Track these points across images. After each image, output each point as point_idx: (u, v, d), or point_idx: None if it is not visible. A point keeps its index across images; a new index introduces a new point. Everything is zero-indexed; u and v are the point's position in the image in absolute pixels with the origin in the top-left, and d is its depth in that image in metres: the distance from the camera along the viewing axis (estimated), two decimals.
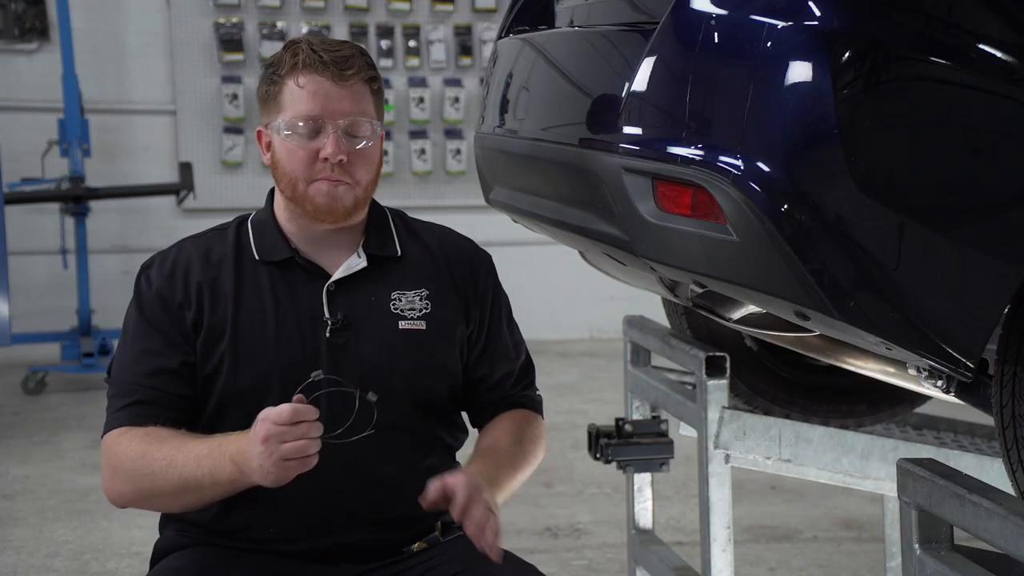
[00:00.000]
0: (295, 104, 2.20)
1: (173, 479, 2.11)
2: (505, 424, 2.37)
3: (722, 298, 2.41)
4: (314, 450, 2.01)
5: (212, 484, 2.10)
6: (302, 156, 2.20)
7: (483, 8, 8.26)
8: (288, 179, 2.23)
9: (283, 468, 2.01)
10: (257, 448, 2.01)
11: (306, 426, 2.00)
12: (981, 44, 1.89)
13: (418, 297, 2.29)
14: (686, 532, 4.56)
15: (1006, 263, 1.89)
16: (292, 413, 1.99)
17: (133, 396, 2.20)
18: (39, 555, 4.41)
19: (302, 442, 1.99)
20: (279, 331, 2.23)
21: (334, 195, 2.21)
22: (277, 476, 2.02)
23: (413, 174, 8.22)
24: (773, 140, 1.91)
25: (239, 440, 2.07)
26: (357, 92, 2.22)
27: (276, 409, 2.01)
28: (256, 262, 2.28)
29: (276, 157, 2.24)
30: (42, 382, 6.90)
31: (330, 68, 2.19)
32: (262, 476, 2.03)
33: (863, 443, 2.80)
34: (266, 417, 2.01)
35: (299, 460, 2.01)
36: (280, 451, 1.99)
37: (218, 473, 2.08)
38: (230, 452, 2.07)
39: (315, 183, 2.21)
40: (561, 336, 8.32)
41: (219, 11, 7.91)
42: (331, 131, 2.19)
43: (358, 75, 2.22)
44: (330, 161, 2.19)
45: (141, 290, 2.27)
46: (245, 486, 2.10)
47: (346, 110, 2.20)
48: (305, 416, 2.00)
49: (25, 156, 7.27)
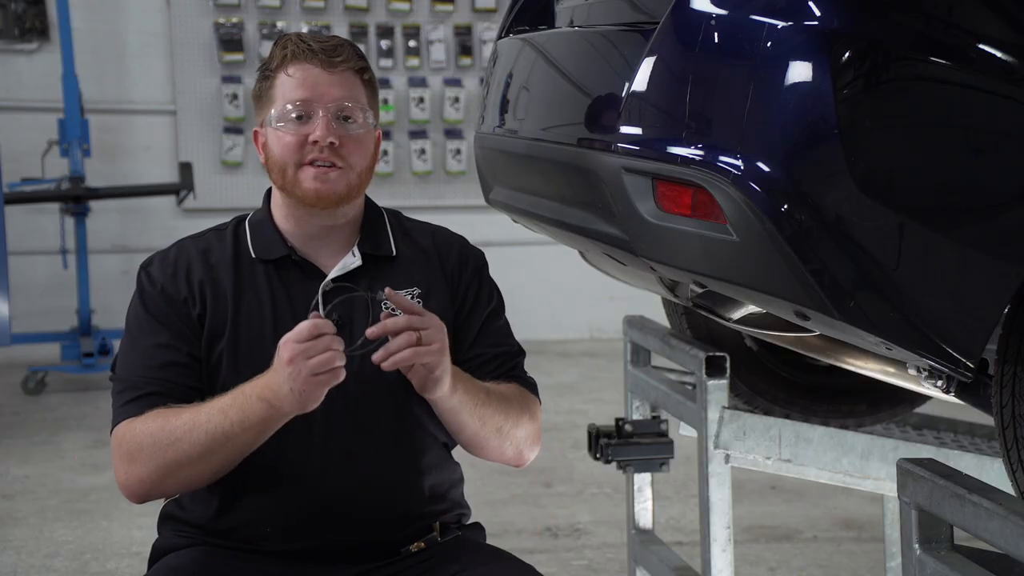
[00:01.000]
0: (285, 93, 2.21)
1: (199, 439, 2.10)
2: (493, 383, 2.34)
3: (722, 298, 2.41)
4: (341, 362, 2.03)
5: (243, 430, 2.09)
6: (291, 141, 2.20)
7: (483, 8, 8.26)
8: (279, 166, 2.23)
9: (314, 384, 2.03)
10: (284, 372, 2.02)
11: (328, 338, 2.02)
12: (981, 44, 1.89)
13: (410, 295, 2.29)
14: (686, 532, 4.56)
15: (1006, 263, 1.89)
16: (312, 328, 2.02)
17: (142, 389, 2.19)
18: (39, 555, 4.41)
19: (328, 354, 2.01)
20: (276, 329, 2.23)
21: (324, 179, 2.21)
22: (310, 394, 2.04)
23: (413, 174, 8.22)
24: (773, 140, 1.91)
25: (262, 378, 2.08)
26: (347, 79, 2.23)
27: (295, 329, 2.03)
28: (253, 261, 2.28)
29: (268, 149, 2.25)
30: (42, 382, 6.90)
31: (319, 56, 2.21)
32: (294, 400, 2.04)
33: (863, 443, 2.80)
34: (287, 340, 2.03)
35: (328, 373, 2.03)
36: (308, 366, 2.01)
37: (248, 416, 2.08)
38: (256, 392, 2.07)
39: (304, 167, 2.21)
40: (561, 336, 8.32)
41: (219, 11, 7.91)
42: (321, 115, 2.20)
43: (347, 63, 2.23)
44: (320, 143, 2.19)
45: (144, 287, 2.27)
46: (277, 423, 2.10)
47: (336, 95, 2.21)
48: (325, 329, 2.02)
49: (25, 156, 7.28)
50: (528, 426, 2.31)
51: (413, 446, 2.29)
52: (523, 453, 2.33)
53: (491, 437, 2.26)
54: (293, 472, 2.21)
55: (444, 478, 2.34)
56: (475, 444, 2.29)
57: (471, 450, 2.32)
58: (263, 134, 2.26)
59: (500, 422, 2.26)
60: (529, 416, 2.32)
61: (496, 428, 2.26)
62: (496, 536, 4.20)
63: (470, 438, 2.27)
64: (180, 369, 2.21)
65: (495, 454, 2.31)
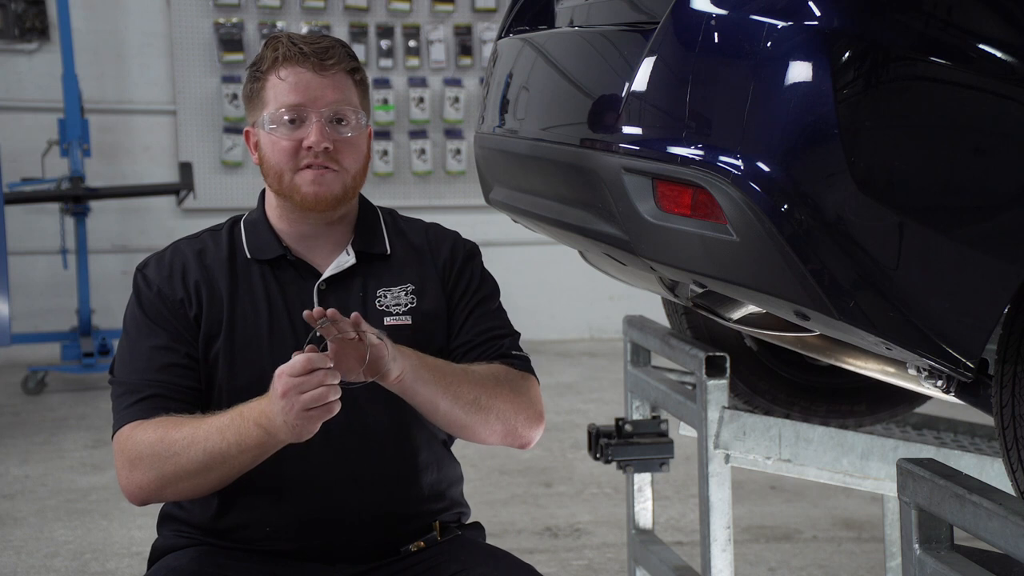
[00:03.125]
0: (278, 97, 2.22)
1: (197, 456, 2.11)
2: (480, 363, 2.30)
3: (722, 298, 2.41)
4: (334, 396, 2.02)
5: (239, 453, 2.09)
6: (285, 146, 2.21)
7: (483, 8, 8.26)
8: (274, 171, 2.24)
9: (307, 419, 2.02)
10: (278, 404, 2.02)
11: (322, 373, 2.00)
12: (981, 44, 1.89)
13: (403, 292, 2.30)
14: (686, 532, 4.55)
15: (1006, 263, 1.89)
16: (305, 363, 2.00)
17: (142, 392, 2.20)
18: (39, 555, 4.41)
19: (321, 389, 2.00)
20: (272, 329, 2.24)
21: (320, 182, 2.22)
22: (303, 428, 2.03)
23: (413, 174, 8.22)
24: (773, 140, 1.91)
25: (259, 404, 2.07)
26: (339, 82, 2.23)
27: (289, 362, 2.02)
28: (249, 261, 2.29)
29: (262, 152, 2.25)
30: (42, 382, 6.90)
31: (311, 59, 2.21)
32: (288, 431, 2.04)
33: (863, 443, 2.80)
34: (281, 372, 2.02)
35: (321, 408, 2.01)
36: (301, 402, 2.00)
37: (244, 440, 2.08)
38: (253, 417, 2.07)
39: (300, 172, 2.22)
40: (561, 336, 8.32)
41: (219, 11, 7.91)
42: (314, 120, 2.20)
43: (339, 65, 2.23)
44: (314, 149, 2.20)
45: (140, 289, 2.28)
46: (273, 448, 2.10)
47: (329, 99, 2.21)
48: (319, 364, 2.01)
49: (25, 156, 7.28)
50: (516, 400, 2.25)
51: (412, 444, 2.29)
52: (518, 430, 2.26)
53: (470, 414, 2.21)
54: (293, 472, 2.21)
55: (443, 476, 2.34)
56: (458, 425, 2.23)
57: (462, 434, 2.27)
58: (255, 134, 2.27)
59: (476, 394, 2.20)
60: (512, 389, 2.26)
61: (472, 401, 2.20)
62: (496, 536, 4.20)
63: (449, 419, 2.21)
64: (179, 371, 2.22)
65: (487, 433, 2.25)
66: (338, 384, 2.02)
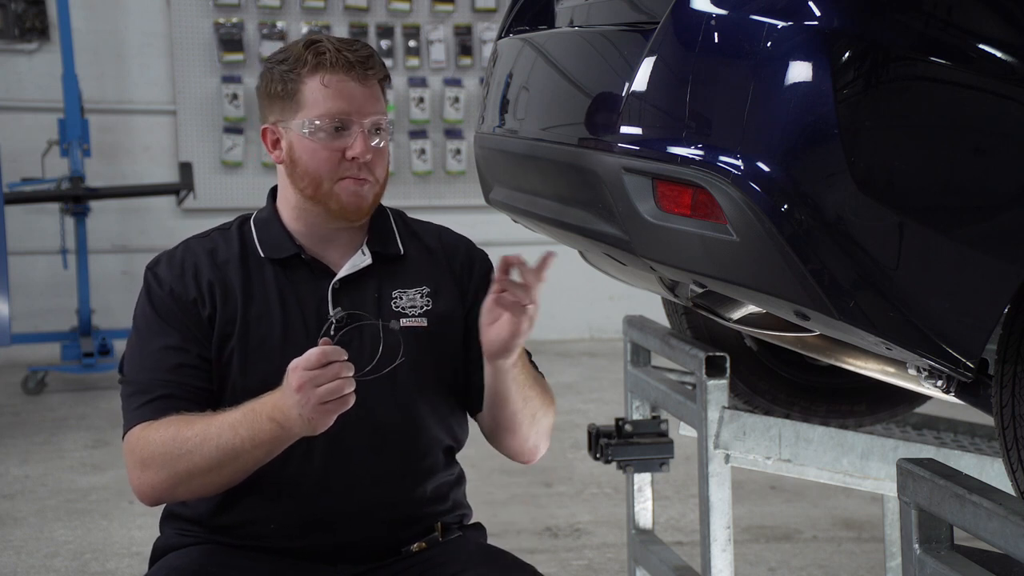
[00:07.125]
0: (320, 103, 2.20)
1: (210, 453, 2.10)
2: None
3: (722, 298, 2.41)
4: (349, 389, 2.02)
5: (252, 448, 2.09)
6: (327, 156, 2.21)
7: (483, 8, 8.26)
8: (311, 178, 2.23)
9: (322, 412, 2.03)
10: (293, 398, 2.02)
11: (337, 366, 2.01)
12: (981, 44, 1.89)
13: (419, 294, 2.30)
14: (686, 532, 4.56)
15: (1006, 263, 1.89)
16: (320, 356, 2.01)
17: (154, 392, 2.19)
18: (39, 555, 4.41)
19: (336, 382, 2.01)
20: (286, 329, 2.23)
21: (360, 193, 2.23)
22: (318, 421, 2.04)
23: (413, 174, 8.22)
24: (773, 140, 1.91)
25: (272, 398, 2.07)
26: (376, 92, 2.24)
27: (304, 356, 2.02)
28: (261, 260, 2.28)
29: (295, 156, 2.23)
30: (42, 382, 6.90)
31: (356, 68, 2.20)
32: (303, 425, 2.04)
33: (863, 443, 2.80)
34: (296, 366, 2.02)
35: (336, 401, 2.02)
36: (316, 395, 2.01)
37: (258, 435, 2.08)
38: (266, 411, 2.07)
39: (341, 182, 2.22)
40: (561, 336, 8.32)
41: (219, 11, 7.91)
42: (358, 131, 2.20)
43: (376, 75, 2.24)
44: (359, 160, 2.20)
45: (152, 288, 2.27)
46: (287, 443, 2.10)
47: (370, 110, 2.22)
48: (334, 356, 2.01)
49: (25, 156, 7.28)
50: (552, 418, 2.37)
51: (417, 447, 2.29)
52: (539, 447, 2.37)
53: (525, 421, 2.29)
54: (296, 471, 2.21)
55: (446, 479, 2.34)
56: (507, 426, 2.30)
57: (498, 434, 2.33)
58: (278, 132, 2.25)
59: (536, 407, 2.30)
60: (553, 409, 2.37)
61: (532, 414, 2.30)
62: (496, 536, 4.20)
63: (508, 417, 2.28)
64: (190, 371, 2.21)
65: (518, 442, 2.33)
66: (352, 376, 2.03)
